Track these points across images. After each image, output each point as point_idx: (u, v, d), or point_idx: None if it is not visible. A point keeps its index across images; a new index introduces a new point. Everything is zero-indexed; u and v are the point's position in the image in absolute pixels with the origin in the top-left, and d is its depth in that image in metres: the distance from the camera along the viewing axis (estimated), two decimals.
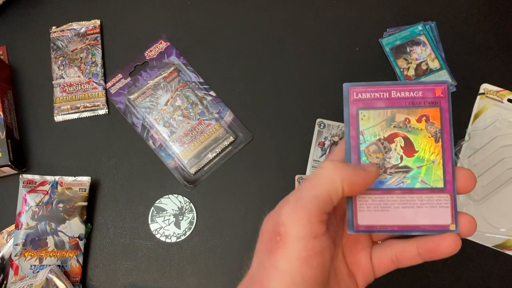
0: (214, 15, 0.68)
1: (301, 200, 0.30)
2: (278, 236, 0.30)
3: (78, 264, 0.58)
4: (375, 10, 0.67)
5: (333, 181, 0.31)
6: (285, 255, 0.29)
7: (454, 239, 0.33)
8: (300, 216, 0.30)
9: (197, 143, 0.62)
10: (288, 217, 0.30)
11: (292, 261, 0.29)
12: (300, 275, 0.29)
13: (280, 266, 0.29)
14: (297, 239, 0.29)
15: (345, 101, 0.36)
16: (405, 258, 0.35)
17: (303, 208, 0.30)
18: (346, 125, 0.36)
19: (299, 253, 0.29)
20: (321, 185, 0.31)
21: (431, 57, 0.64)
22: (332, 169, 0.31)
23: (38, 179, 0.59)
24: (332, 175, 0.31)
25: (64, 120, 0.65)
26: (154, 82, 0.64)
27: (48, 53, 0.67)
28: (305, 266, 0.29)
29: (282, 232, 0.30)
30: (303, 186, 0.31)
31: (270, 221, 0.31)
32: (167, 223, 0.61)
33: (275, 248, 0.30)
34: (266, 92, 0.65)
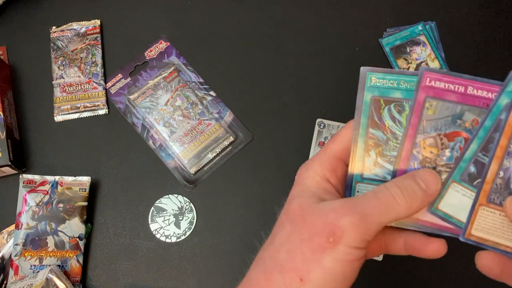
0: (214, 15, 0.68)
1: (368, 221, 0.31)
2: (331, 237, 0.30)
3: (78, 264, 0.58)
4: (375, 10, 0.67)
5: (400, 218, 0.32)
6: (332, 255, 0.30)
7: (440, 245, 0.34)
8: (361, 233, 0.31)
9: (197, 143, 0.62)
10: (350, 228, 0.30)
11: (338, 262, 0.30)
12: (341, 275, 0.31)
13: (325, 263, 0.30)
14: (349, 247, 0.30)
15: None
16: (392, 247, 0.36)
17: (366, 228, 0.31)
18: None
19: (347, 257, 0.31)
20: (389, 217, 0.31)
21: (431, 57, 0.64)
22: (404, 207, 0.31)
23: (38, 179, 0.59)
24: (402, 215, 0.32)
25: (64, 120, 0.65)
26: (154, 82, 0.64)
27: (48, 53, 0.67)
28: (348, 267, 0.31)
29: (337, 236, 0.30)
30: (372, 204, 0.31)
31: (322, 217, 0.31)
32: (167, 223, 0.61)
33: (325, 246, 0.30)
34: (266, 92, 0.65)
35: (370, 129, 0.34)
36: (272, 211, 0.35)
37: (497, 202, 0.32)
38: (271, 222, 0.34)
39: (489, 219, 0.33)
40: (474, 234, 0.33)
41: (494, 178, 0.32)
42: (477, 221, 0.33)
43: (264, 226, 0.59)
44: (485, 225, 0.33)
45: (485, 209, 0.33)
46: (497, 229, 0.33)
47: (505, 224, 0.32)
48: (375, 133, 0.34)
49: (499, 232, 0.33)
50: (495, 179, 0.32)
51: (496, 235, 0.33)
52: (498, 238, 0.33)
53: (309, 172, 0.35)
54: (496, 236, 0.33)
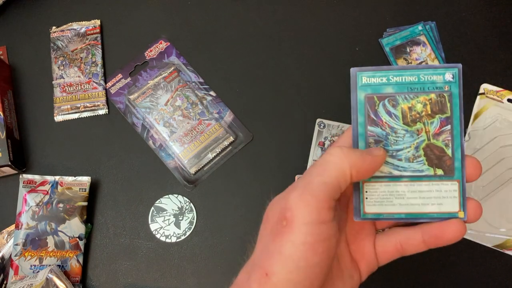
0: (214, 15, 0.68)
1: (310, 186, 0.30)
2: (284, 221, 0.30)
3: (78, 264, 0.58)
4: (375, 10, 0.67)
5: (342, 167, 0.31)
6: (290, 240, 0.29)
7: (459, 225, 0.33)
8: (308, 202, 0.29)
9: (197, 143, 0.62)
10: (296, 203, 0.29)
11: (298, 246, 0.29)
12: (304, 261, 0.29)
13: (284, 251, 0.29)
14: (303, 224, 0.29)
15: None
16: (409, 245, 0.35)
17: (311, 194, 0.30)
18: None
19: (305, 238, 0.29)
20: (329, 171, 0.31)
21: (431, 57, 0.64)
22: (341, 155, 0.31)
23: (38, 179, 0.59)
24: (341, 161, 0.31)
25: (64, 120, 0.65)
26: (154, 82, 0.64)
27: (48, 53, 0.67)
28: (311, 251, 0.29)
29: (289, 217, 0.30)
30: (311, 172, 0.31)
31: (276, 206, 0.31)
32: (167, 223, 0.61)
33: (281, 232, 0.30)
34: (266, 92, 0.65)
35: (368, 127, 0.35)
36: None
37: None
38: None
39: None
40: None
41: None
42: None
43: None
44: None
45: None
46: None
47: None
48: (374, 130, 0.35)
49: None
50: None
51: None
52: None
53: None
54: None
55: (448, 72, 0.34)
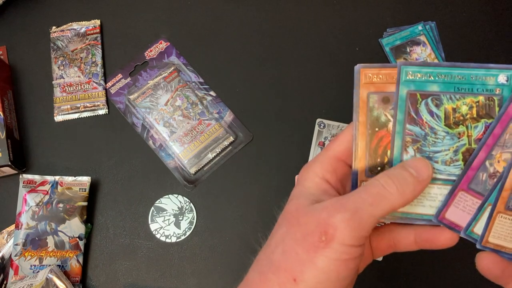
0: (214, 15, 0.68)
1: (359, 215, 0.30)
2: (324, 236, 0.30)
3: (78, 264, 0.58)
4: (375, 10, 0.67)
5: (395, 207, 0.31)
6: (326, 255, 0.30)
7: (452, 234, 0.33)
8: (354, 229, 0.30)
9: (197, 143, 0.62)
10: (342, 225, 0.30)
11: (332, 261, 0.30)
12: (335, 274, 0.30)
13: (318, 263, 0.30)
14: (342, 245, 0.30)
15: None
16: (402, 244, 0.35)
17: (359, 222, 0.30)
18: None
19: (341, 256, 0.30)
20: (383, 208, 0.31)
21: (431, 57, 0.64)
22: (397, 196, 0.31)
23: (38, 179, 0.59)
24: (396, 202, 0.31)
25: (64, 120, 0.65)
26: (154, 82, 0.64)
27: (48, 53, 0.67)
28: (343, 267, 0.30)
29: (330, 234, 0.30)
30: (362, 197, 0.31)
31: (315, 216, 0.31)
32: (167, 223, 0.61)
33: (317, 246, 0.30)
34: (266, 92, 0.65)
35: (407, 125, 0.34)
36: (272, 211, 0.35)
37: None
38: (271, 222, 0.34)
39: (506, 226, 0.32)
40: (491, 241, 0.33)
41: None
42: (495, 228, 0.32)
43: (264, 226, 0.59)
44: (502, 232, 0.32)
45: (503, 216, 0.32)
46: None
47: None
48: (412, 129, 0.34)
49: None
50: None
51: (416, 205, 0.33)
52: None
53: (309, 174, 0.34)
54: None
55: (503, 74, 0.32)
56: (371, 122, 0.34)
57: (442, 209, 0.33)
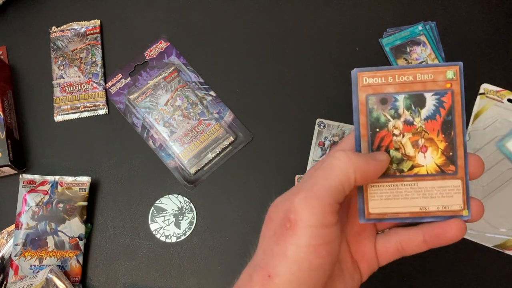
0: (214, 15, 0.68)
1: (315, 189, 0.30)
2: (288, 223, 0.30)
3: (78, 264, 0.58)
4: (375, 10, 0.67)
5: (346, 172, 0.31)
6: (294, 242, 0.29)
7: (460, 224, 0.33)
8: (313, 205, 0.30)
9: (197, 143, 0.62)
10: (301, 205, 0.30)
11: (301, 249, 0.29)
12: (307, 263, 0.29)
13: (288, 253, 0.29)
14: (308, 227, 0.29)
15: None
16: (410, 246, 0.35)
17: (316, 197, 0.30)
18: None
19: (309, 241, 0.29)
20: (334, 175, 0.31)
21: (431, 57, 0.64)
22: (345, 160, 0.31)
23: (38, 179, 0.59)
24: (346, 166, 0.31)
25: (64, 120, 0.65)
26: (154, 82, 0.64)
27: (48, 53, 0.67)
28: (314, 254, 0.29)
29: (293, 220, 0.30)
30: (315, 175, 0.31)
31: (280, 208, 0.31)
32: (167, 223, 0.61)
33: (284, 235, 0.30)
34: (266, 92, 0.65)
35: None
36: None
37: None
38: None
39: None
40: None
41: None
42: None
43: None
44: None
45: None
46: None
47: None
48: None
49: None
50: None
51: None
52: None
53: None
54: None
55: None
56: (371, 124, 0.35)
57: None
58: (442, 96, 0.34)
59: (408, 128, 0.35)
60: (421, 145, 0.34)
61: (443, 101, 0.34)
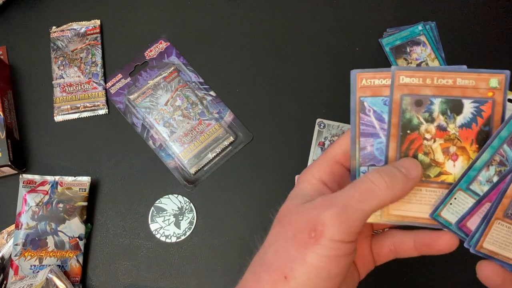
0: (214, 15, 0.68)
1: (348, 210, 0.30)
2: (313, 233, 0.30)
3: (78, 264, 0.58)
4: (375, 10, 0.67)
5: (384, 202, 0.31)
6: (316, 251, 0.30)
7: (451, 237, 0.33)
8: (343, 224, 0.30)
9: (197, 143, 0.62)
10: (331, 221, 0.30)
11: (322, 258, 0.30)
12: (326, 271, 0.30)
13: (308, 259, 0.30)
14: (332, 241, 0.30)
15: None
16: (402, 249, 0.35)
17: (348, 218, 0.30)
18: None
19: (331, 252, 0.30)
20: (372, 203, 0.31)
21: (431, 57, 0.64)
22: (386, 191, 0.31)
23: (38, 179, 0.59)
24: (385, 197, 0.31)
25: (64, 120, 0.65)
26: (154, 82, 0.64)
27: (48, 53, 0.67)
28: (334, 263, 0.30)
29: (319, 231, 0.30)
30: (351, 194, 0.31)
31: (304, 214, 0.31)
32: (167, 223, 0.61)
33: (307, 242, 0.30)
34: (266, 92, 0.65)
35: None
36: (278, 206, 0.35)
37: None
38: (270, 222, 0.34)
39: (503, 234, 0.32)
40: (486, 247, 0.33)
41: None
42: (491, 234, 0.32)
43: (264, 226, 0.59)
44: (498, 239, 0.32)
45: (501, 223, 0.32)
46: (510, 244, 0.32)
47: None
48: None
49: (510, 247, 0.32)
50: None
51: (507, 250, 0.32)
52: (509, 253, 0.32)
53: (306, 175, 0.35)
54: (508, 251, 0.32)
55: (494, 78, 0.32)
56: (402, 124, 0.34)
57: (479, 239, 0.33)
58: (481, 104, 0.32)
59: (441, 133, 0.33)
60: (452, 153, 0.33)
61: (482, 110, 0.32)
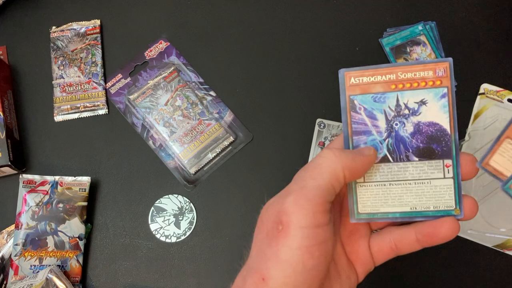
0: (214, 15, 0.68)
1: (304, 190, 0.30)
2: (280, 225, 0.30)
3: (78, 264, 0.58)
4: (375, 10, 0.67)
5: (334, 169, 0.31)
6: (286, 244, 0.29)
7: (452, 223, 0.33)
8: (304, 205, 0.29)
9: (197, 143, 0.62)
10: (291, 207, 0.29)
11: (294, 250, 0.29)
12: (301, 265, 0.29)
13: (281, 255, 0.29)
14: (299, 228, 0.29)
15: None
16: (403, 245, 0.35)
17: (306, 198, 0.30)
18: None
19: (301, 242, 0.29)
20: (322, 174, 0.31)
21: (431, 57, 0.64)
22: (332, 157, 0.31)
23: (38, 179, 0.59)
24: (333, 163, 0.31)
25: (64, 120, 0.65)
26: (154, 82, 0.64)
27: (48, 53, 0.67)
28: (307, 255, 0.29)
29: (285, 221, 0.30)
30: (303, 176, 0.31)
31: (271, 210, 0.31)
32: (167, 223, 0.61)
33: (277, 237, 0.30)
34: (266, 92, 0.65)
35: None
36: None
37: None
38: None
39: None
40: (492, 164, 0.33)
41: None
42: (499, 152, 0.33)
43: None
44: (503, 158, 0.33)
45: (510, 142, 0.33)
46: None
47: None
48: None
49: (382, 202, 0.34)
50: None
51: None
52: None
53: None
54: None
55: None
56: None
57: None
58: None
59: None
60: None
61: None
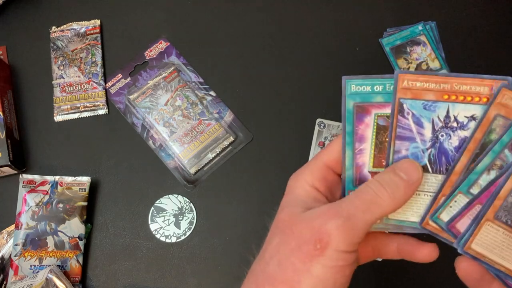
0: (214, 15, 0.68)
1: (353, 221, 0.31)
2: (318, 244, 0.30)
3: (78, 264, 0.58)
4: (375, 10, 0.67)
5: (387, 212, 0.32)
6: (321, 262, 0.30)
7: (432, 249, 0.34)
8: (348, 235, 0.30)
9: (197, 143, 0.62)
10: (336, 231, 0.30)
11: (327, 268, 0.30)
12: (332, 282, 0.30)
13: (314, 271, 0.30)
14: (337, 251, 0.30)
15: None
16: (385, 251, 0.36)
17: (352, 228, 0.30)
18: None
19: (336, 263, 0.30)
20: (375, 214, 0.31)
21: (431, 57, 0.64)
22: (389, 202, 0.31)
23: (38, 179, 0.59)
24: (388, 208, 0.31)
25: (64, 120, 0.65)
26: (154, 82, 0.64)
27: (48, 53, 0.67)
28: (339, 274, 0.30)
29: (325, 241, 0.30)
30: (355, 203, 0.31)
31: (308, 224, 0.31)
32: (167, 223, 0.61)
33: (312, 254, 0.30)
34: (266, 92, 0.65)
35: None
36: (272, 211, 0.35)
37: (503, 220, 0.32)
38: (270, 223, 0.34)
39: (491, 236, 0.32)
40: (474, 248, 0.32)
41: (507, 195, 0.31)
42: (480, 235, 0.32)
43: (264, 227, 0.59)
44: (486, 241, 0.32)
45: (491, 225, 0.32)
46: (497, 247, 0.32)
47: (505, 244, 0.32)
48: None
49: (497, 251, 0.32)
50: (507, 196, 0.31)
51: (494, 253, 0.32)
52: (496, 257, 0.32)
53: (299, 182, 0.35)
54: (495, 254, 0.32)
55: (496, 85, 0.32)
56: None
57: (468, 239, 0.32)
58: None
59: None
60: None
61: None
